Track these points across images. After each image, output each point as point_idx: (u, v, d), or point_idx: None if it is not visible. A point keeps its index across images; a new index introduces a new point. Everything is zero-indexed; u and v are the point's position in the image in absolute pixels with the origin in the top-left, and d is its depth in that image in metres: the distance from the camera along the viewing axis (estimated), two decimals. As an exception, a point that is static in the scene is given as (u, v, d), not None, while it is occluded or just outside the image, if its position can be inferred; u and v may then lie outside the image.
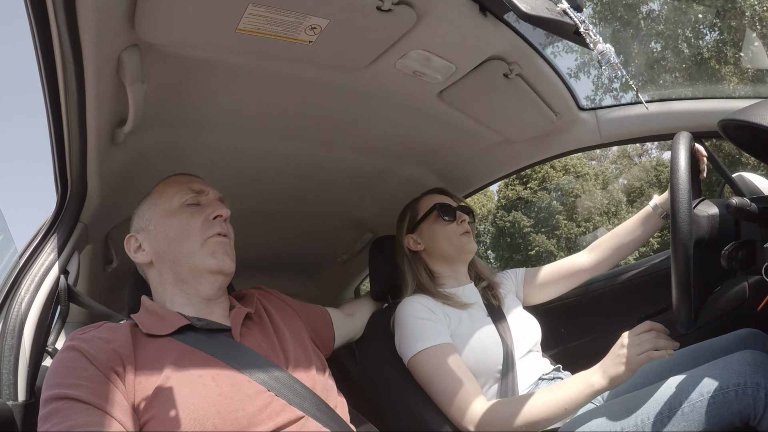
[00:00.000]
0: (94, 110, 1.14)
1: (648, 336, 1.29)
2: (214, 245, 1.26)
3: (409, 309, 1.63)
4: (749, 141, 1.29)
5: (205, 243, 1.25)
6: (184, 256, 1.24)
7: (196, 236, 1.25)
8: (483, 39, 1.28)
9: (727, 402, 1.13)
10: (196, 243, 1.24)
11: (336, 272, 2.87)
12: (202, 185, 1.34)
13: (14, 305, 1.26)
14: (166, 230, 1.26)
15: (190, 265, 1.23)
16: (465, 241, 1.79)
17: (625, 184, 28.20)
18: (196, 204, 1.30)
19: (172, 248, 1.24)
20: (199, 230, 1.26)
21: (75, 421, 0.91)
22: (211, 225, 1.28)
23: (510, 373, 1.57)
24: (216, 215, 1.28)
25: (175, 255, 1.24)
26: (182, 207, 1.28)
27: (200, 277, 1.25)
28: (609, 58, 1.04)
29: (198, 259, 1.23)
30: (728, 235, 1.26)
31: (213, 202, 1.32)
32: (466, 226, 1.81)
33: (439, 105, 1.58)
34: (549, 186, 27.00)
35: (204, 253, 1.24)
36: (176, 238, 1.25)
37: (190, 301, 1.25)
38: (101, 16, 0.92)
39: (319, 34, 1.14)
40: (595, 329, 2.28)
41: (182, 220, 1.26)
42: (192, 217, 1.27)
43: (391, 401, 1.63)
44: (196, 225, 1.26)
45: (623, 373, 1.27)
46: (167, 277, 1.26)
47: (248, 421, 1.03)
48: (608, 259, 1.82)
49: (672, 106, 1.74)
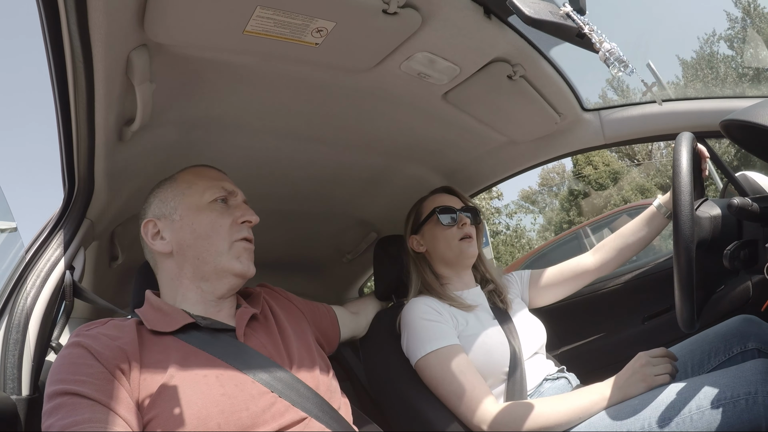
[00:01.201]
0: (103, 108, 1.14)
1: (665, 360, 1.36)
2: (241, 249, 1.27)
3: (417, 311, 1.63)
4: (751, 141, 1.30)
5: (233, 246, 1.26)
6: (211, 254, 1.23)
7: (225, 237, 1.25)
8: (487, 41, 1.29)
9: (738, 411, 1.12)
10: (224, 244, 1.24)
11: (341, 271, 2.87)
12: (232, 185, 1.34)
13: (20, 300, 1.27)
14: (194, 225, 1.24)
15: (215, 265, 1.23)
16: (465, 246, 1.77)
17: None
18: (225, 202, 1.30)
19: (198, 244, 1.23)
20: (227, 231, 1.26)
21: (79, 416, 0.92)
22: (240, 229, 1.28)
23: (517, 374, 1.57)
24: (245, 220, 1.29)
25: (200, 252, 1.23)
26: (212, 204, 1.27)
27: (222, 278, 1.25)
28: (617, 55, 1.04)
29: (224, 261, 1.24)
30: (730, 234, 1.26)
31: (241, 205, 1.33)
32: (467, 231, 1.78)
33: (443, 106, 1.59)
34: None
35: (231, 256, 1.25)
36: (204, 236, 1.24)
37: (203, 299, 1.25)
38: (111, 16, 0.93)
39: (326, 37, 1.15)
40: (598, 330, 2.29)
41: (212, 218, 1.25)
42: (221, 217, 1.27)
43: (395, 401, 1.63)
44: (225, 225, 1.26)
45: (641, 391, 1.31)
46: (186, 272, 1.25)
47: (252, 421, 1.04)
48: (613, 260, 1.82)
49: (675, 106, 1.74)
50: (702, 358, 1.49)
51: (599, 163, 30.51)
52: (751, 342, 1.44)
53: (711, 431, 1.14)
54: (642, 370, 1.34)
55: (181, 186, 1.30)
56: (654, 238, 1.78)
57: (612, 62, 1.04)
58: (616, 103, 1.90)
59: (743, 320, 1.50)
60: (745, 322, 1.49)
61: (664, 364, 1.35)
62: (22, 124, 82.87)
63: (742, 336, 1.46)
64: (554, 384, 1.62)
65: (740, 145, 1.35)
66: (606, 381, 1.40)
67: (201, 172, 1.35)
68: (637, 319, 2.20)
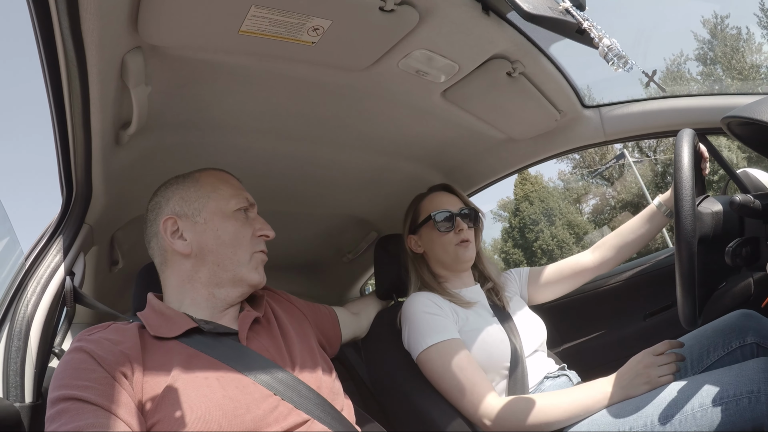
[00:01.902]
0: (99, 112, 1.14)
1: (667, 358, 1.34)
2: (259, 261, 1.31)
3: (418, 304, 1.63)
4: (753, 137, 1.29)
5: (253, 257, 1.29)
6: (233, 263, 1.25)
7: (247, 248, 1.28)
8: (486, 38, 1.28)
9: (740, 409, 1.12)
10: (245, 254, 1.27)
11: (341, 271, 2.87)
12: (251, 198, 1.36)
13: (20, 307, 1.26)
14: (219, 231, 1.25)
15: (235, 274, 1.25)
16: (461, 252, 1.76)
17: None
18: (245, 213, 1.32)
19: (221, 251, 1.24)
20: (249, 243, 1.29)
21: (83, 421, 0.91)
22: (258, 241, 1.32)
23: (518, 371, 1.57)
24: (263, 234, 1.33)
25: (221, 258, 1.24)
26: (237, 213, 1.29)
27: (237, 287, 1.27)
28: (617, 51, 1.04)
29: (244, 271, 1.26)
30: (732, 231, 1.25)
31: (259, 218, 1.36)
32: (464, 235, 1.77)
33: (442, 104, 1.58)
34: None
35: (251, 267, 1.28)
36: (229, 243, 1.25)
37: (212, 304, 1.24)
38: (104, 19, 0.92)
39: (322, 35, 1.14)
40: (599, 327, 2.29)
41: (237, 227, 1.27)
42: (244, 227, 1.29)
43: (398, 400, 1.63)
44: (247, 236, 1.29)
45: (644, 392, 1.31)
46: (201, 276, 1.24)
47: (254, 424, 1.04)
48: (612, 258, 1.82)
49: (676, 102, 1.74)
50: (701, 353, 1.49)
51: (535, 198, 32.56)
52: (750, 336, 1.44)
53: (713, 429, 1.14)
54: (646, 372, 1.33)
55: (205, 188, 1.30)
56: (653, 237, 1.78)
57: (611, 58, 1.04)
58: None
59: (742, 315, 1.51)
60: (744, 316, 1.50)
61: (667, 363, 1.34)
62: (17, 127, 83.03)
63: (741, 331, 1.46)
64: (555, 381, 1.62)
65: (742, 142, 1.34)
66: (609, 378, 1.39)
67: (224, 177, 1.36)
68: (638, 316, 2.19)
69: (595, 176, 32.77)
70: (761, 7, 25.96)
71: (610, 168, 32.34)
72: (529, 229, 33.22)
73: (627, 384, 1.34)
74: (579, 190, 34.48)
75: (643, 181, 28.48)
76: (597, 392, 1.36)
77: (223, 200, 1.28)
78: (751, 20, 26.61)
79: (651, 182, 29.47)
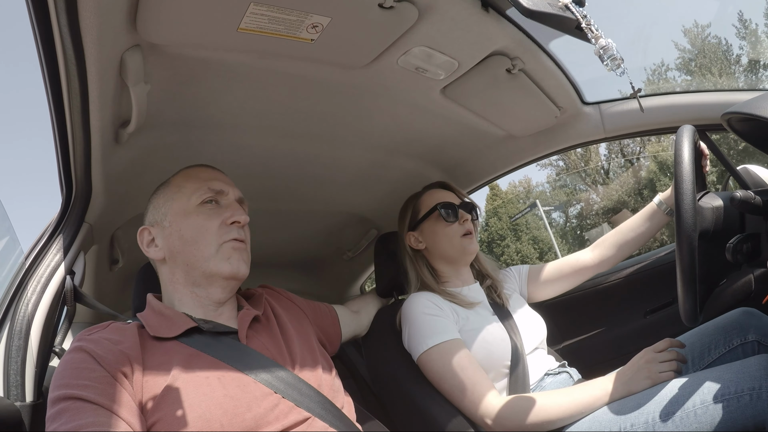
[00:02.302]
0: (98, 111, 1.13)
1: (669, 355, 1.35)
2: (230, 250, 1.24)
3: (417, 305, 1.62)
4: (753, 133, 1.29)
5: (221, 247, 1.23)
6: (198, 260, 1.22)
7: (212, 239, 1.22)
8: (485, 35, 1.28)
9: (742, 406, 1.12)
10: (211, 247, 1.22)
11: (341, 269, 2.87)
12: (223, 184, 1.31)
13: (21, 306, 1.26)
14: (182, 230, 1.23)
15: (204, 270, 1.22)
16: (467, 243, 1.76)
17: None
18: (215, 203, 1.28)
19: (186, 250, 1.22)
20: (215, 233, 1.23)
21: (83, 421, 0.92)
22: (229, 230, 1.25)
23: (519, 369, 1.57)
24: (234, 221, 1.26)
25: (188, 258, 1.22)
26: (201, 207, 1.25)
27: (213, 282, 1.23)
28: (611, 52, 1.04)
29: (212, 264, 1.21)
30: (733, 228, 1.25)
31: (233, 205, 1.30)
32: (469, 226, 1.78)
33: (442, 101, 1.58)
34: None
35: (219, 258, 1.22)
36: (191, 241, 1.22)
37: (200, 304, 1.24)
38: (103, 17, 0.92)
39: (321, 32, 1.14)
40: (600, 324, 2.28)
41: (199, 222, 1.23)
42: (209, 219, 1.24)
43: (398, 397, 1.63)
44: (213, 227, 1.23)
45: (646, 387, 1.31)
46: (179, 278, 1.24)
47: (255, 422, 1.04)
48: (612, 256, 1.82)
49: (675, 99, 1.73)
50: (702, 350, 1.49)
51: (504, 214, 34.38)
52: (751, 334, 1.44)
53: (715, 426, 1.14)
54: (647, 367, 1.33)
55: (171, 190, 1.30)
56: (654, 235, 1.78)
57: (605, 59, 1.04)
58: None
59: (743, 313, 1.50)
60: (745, 314, 1.49)
61: (668, 360, 1.34)
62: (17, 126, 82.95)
63: (742, 328, 1.46)
64: (556, 379, 1.62)
65: (742, 138, 1.34)
66: (609, 375, 1.40)
67: (191, 173, 1.33)
68: (639, 313, 2.19)
69: (514, 220, 34.36)
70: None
71: (525, 215, 33.84)
72: (496, 244, 34.42)
73: (628, 379, 1.34)
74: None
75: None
76: (598, 389, 1.36)
77: (185, 198, 1.26)
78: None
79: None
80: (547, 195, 35.35)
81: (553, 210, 35.40)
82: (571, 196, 34.71)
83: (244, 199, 1.35)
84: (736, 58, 26.86)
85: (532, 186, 36.31)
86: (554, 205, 34.94)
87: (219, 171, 1.37)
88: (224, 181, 1.33)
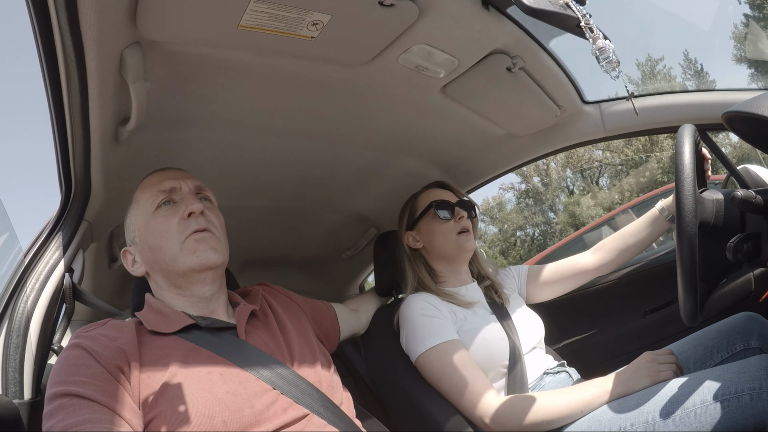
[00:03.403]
0: (97, 108, 1.13)
1: (669, 358, 1.35)
2: (194, 243, 1.21)
3: (415, 307, 1.62)
4: (754, 133, 1.28)
5: (184, 244, 1.21)
6: (168, 263, 1.21)
7: (175, 239, 1.21)
8: (486, 33, 1.28)
9: (742, 406, 1.12)
10: (175, 246, 1.21)
11: (341, 268, 2.86)
12: (173, 181, 1.29)
13: (20, 304, 1.27)
14: (148, 240, 1.23)
15: (177, 270, 1.21)
16: (463, 240, 1.76)
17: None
18: (171, 202, 1.26)
19: (157, 257, 1.22)
20: (176, 232, 1.21)
21: (80, 417, 0.92)
22: (187, 224, 1.22)
23: (517, 369, 1.56)
24: (189, 213, 1.24)
25: (161, 264, 1.22)
26: (158, 211, 1.24)
27: (190, 279, 1.22)
28: (607, 55, 1.04)
29: (180, 262, 1.20)
30: (733, 227, 1.25)
31: (187, 197, 1.27)
32: (465, 224, 1.77)
33: (442, 99, 1.57)
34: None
35: (185, 255, 1.20)
36: (157, 247, 1.22)
37: (190, 303, 1.24)
38: (102, 14, 0.91)
39: (322, 30, 1.14)
40: (599, 323, 2.28)
41: (159, 226, 1.22)
42: (168, 220, 1.23)
43: (397, 396, 1.62)
44: (172, 227, 1.22)
45: (646, 385, 1.31)
46: (162, 285, 1.25)
47: (255, 419, 1.03)
48: (613, 260, 1.82)
49: (676, 98, 1.73)
50: (704, 354, 1.49)
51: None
52: (754, 340, 1.44)
53: (715, 426, 1.14)
54: (647, 366, 1.34)
55: (134, 207, 1.31)
56: (654, 241, 1.78)
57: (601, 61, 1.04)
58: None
59: (746, 318, 1.50)
60: (749, 319, 1.49)
61: (668, 363, 1.35)
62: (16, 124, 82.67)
63: (745, 333, 1.46)
64: (555, 378, 1.62)
65: (743, 138, 1.33)
66: (609, 375, 1.39)
67: (145, 183, 1.32)
68: (638, 312, 2.19)
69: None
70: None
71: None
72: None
73: (628, 378, 1.34)
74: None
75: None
76: (597, 388, 1.36)
77: (143, 209, 1.26)
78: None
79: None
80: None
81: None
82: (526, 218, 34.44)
83: (203, 186, 1.34)
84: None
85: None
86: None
87: (171, 169, 1.35)
88: (175, 177, 1.31)
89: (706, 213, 1.22)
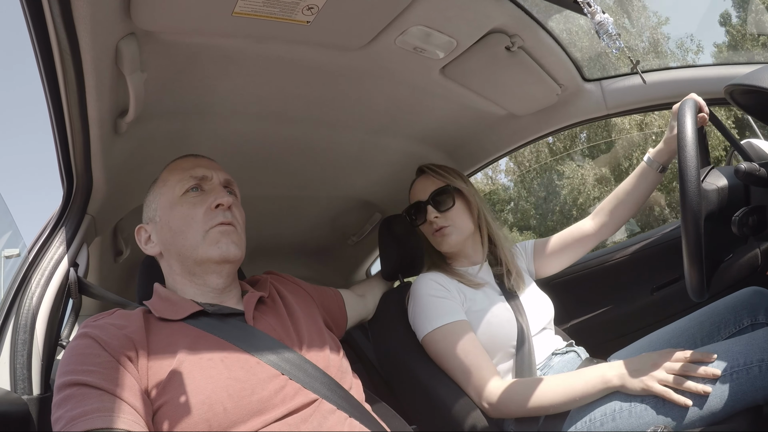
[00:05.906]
0: (95, 101, 1.13)
1: (682, 370, 1.22)
2: (217, 235, 1.22)
3: (424, 286, 1.62)
4: (756, 106, 1.28)
5: (208, 234, 1.22)
6: (188, 249, 1.21)
7: (199, 227, 1.22)
8: (483, 12, 1.27)
9: (751, 378, 1.12)
10: (198, 235, 1.21)
11: (347, 254, 2.87)
12: (206, 170, 1.30)
13: (25, 300, 1.27)
14: (170, 222, 1.24)
15: (195, 258, 1.21)
16: (438, 241, 1.76)
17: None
18: (200, 189, 1.27)
19: (177, 241, 1.22)
20: (201, 221, 1.22)
21: (88, 406, 0.92)
22: (214, 215, 1.23)
23: (525, 350, 1.56)
24: (217, 204, 1.24)
25: (179, 248, 1.22)
26: (185, 196, 1.25)
27: (207, 269, 1.23)
28: (607, 28, 1.03)
29: (201, 251, 1.21)
30: (738, 202, 1.24)
31: (216, 188, 1.28)
32: (437, 224, 1.74)
33: (441, 81, 1.56)
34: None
35: (207, 244, 1.21)
36: (179, 231, 1.22)
37: (201, 292, 1.24)
38: (96, 6, 0.91)
39: (317, 14, 1.12)
40: (607, 302, 2.29)
41: (185, 211, 1.23)
42: (195, 207, 1.24)
43: (406, 379, 1.63)
44: (198, 215, 1.23)
45: (638, 390, 1.26)
46: (176, 269, 1.25)
47: (261, 405, 1.03)
48: (611, 221, 1.78)
49: (677, 73, 1.72)
50: (711, 330, 1.48)
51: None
52: (762, 315, 1.43)
53: (725, 398, 1.14)
54: (650, 371, 1.26)
55: (158, 186, 1.31)
56: (649, 195, 1.73)
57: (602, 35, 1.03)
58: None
59: (753, 293, 1.50)
60: (756, 294, 1.49)
61: (679, 378, 1.22)
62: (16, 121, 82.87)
63: (752, 308, 1.45)
64: (563, 358, 1.62)
65: (745, 111, 1.33)
66: (609, 364, 1.36)
67: (175, 165, 1.32)
68: (646, 289, 2.19)
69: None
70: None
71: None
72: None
73: (628, 373, 1.29)
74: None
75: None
76: (595, 377, 1.33)
77: (170, 190, 1.27)
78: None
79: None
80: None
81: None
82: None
83: (232, 180, 1.35)
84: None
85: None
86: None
87: (203, 157, 1.36)
88: (207, 166, 1.32)
89: (711, 205, 1.22)
